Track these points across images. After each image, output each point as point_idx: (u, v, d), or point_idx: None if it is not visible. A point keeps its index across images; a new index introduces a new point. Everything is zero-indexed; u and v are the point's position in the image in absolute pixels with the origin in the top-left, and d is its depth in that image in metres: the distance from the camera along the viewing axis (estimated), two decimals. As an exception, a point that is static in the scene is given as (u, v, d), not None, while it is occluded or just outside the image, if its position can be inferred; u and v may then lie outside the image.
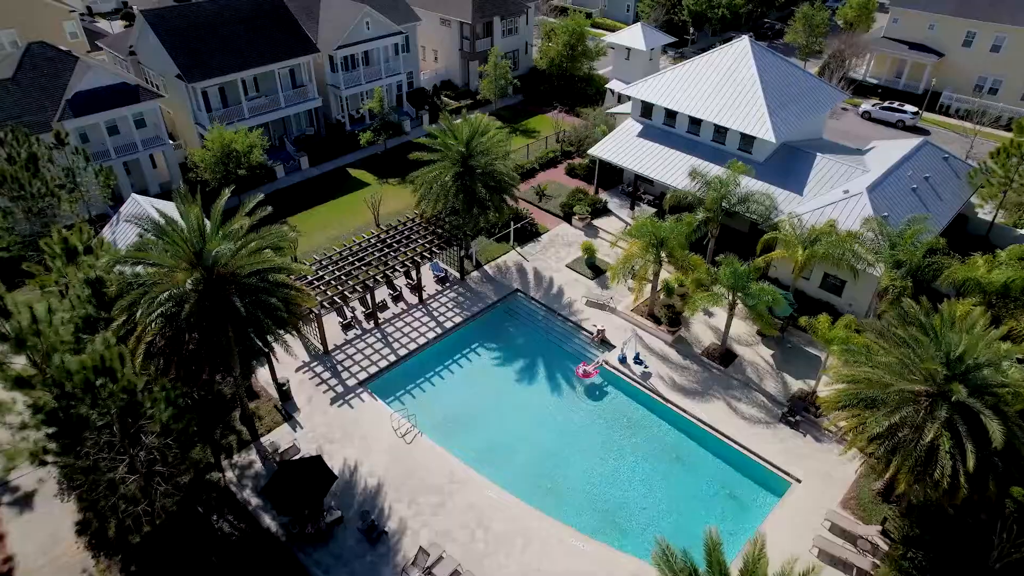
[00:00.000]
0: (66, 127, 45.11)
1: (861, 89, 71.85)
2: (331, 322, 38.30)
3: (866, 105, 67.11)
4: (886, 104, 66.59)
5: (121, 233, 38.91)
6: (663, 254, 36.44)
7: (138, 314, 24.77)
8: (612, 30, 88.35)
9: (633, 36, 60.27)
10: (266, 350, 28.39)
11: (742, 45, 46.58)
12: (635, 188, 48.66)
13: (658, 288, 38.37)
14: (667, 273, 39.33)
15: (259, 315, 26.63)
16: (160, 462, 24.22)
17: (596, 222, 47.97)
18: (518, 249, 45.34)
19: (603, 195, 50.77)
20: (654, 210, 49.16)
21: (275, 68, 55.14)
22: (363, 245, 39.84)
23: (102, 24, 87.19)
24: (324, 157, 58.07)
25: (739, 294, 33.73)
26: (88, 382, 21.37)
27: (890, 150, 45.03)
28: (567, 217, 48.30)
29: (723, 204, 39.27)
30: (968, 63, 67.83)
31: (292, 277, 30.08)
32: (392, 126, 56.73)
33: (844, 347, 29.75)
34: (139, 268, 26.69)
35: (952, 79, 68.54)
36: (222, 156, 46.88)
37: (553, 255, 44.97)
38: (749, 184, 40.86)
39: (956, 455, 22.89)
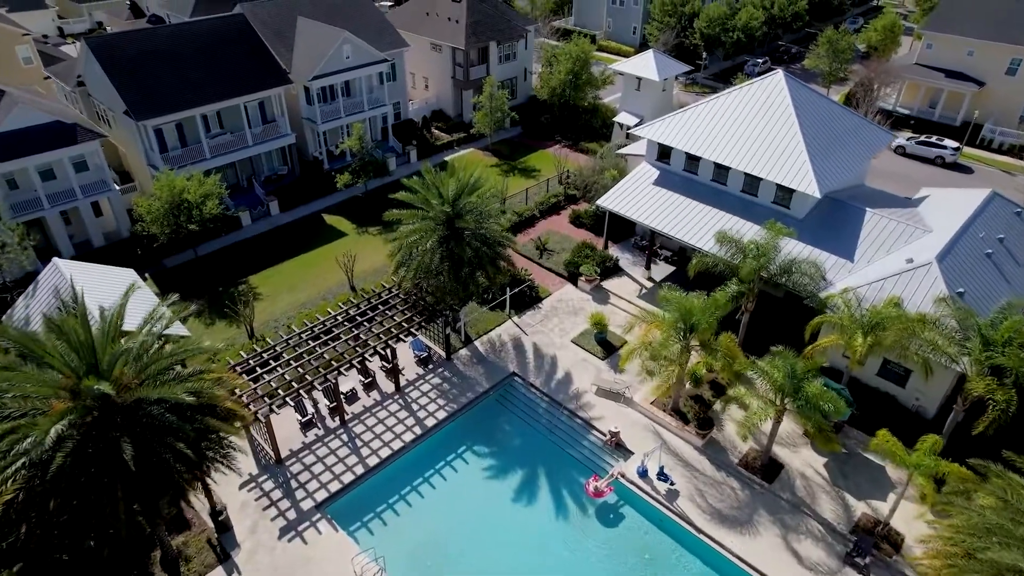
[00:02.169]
0: (-15, 175, 38.64)
1: (892, 121, 65.41)
2: (288, 418, 31.52)
3: (900, 139, 60.61)
4: (923, 138, 60.18)
5: (37, 306, 32.32)
6: (693, 341, 29.75)
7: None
8: (617, 53, 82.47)
9: (645, 65, 53.88)
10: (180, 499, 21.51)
11: (775, 80, 40.09)
12: (651, 242, 42.02)
13: (684, 378, 31.56)
14: (693, 353, 32.60)
15: (168, 459, 19.85)
16: None
17: (606, 284, 41.28)
18: (515, 319, 38.60)
19: (613, 249, 44.13)
20: (672, 268, 42.54)
21: (241, 102, 48.68)
22: (327, 325, 33.06)
23: (68, 48, 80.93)
24: (297, 200, 51.48)
25: (790, 400, 26.97)
26: None
27: (949, 201, 38.44)
28: (572, 278, 41.61)
29: (761, 274, 32.65)
30: (1012, 92, 61.45)
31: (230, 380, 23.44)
32: (373, 166, 50.17)
33: (934, 483, 23.14)
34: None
35: (994, 110, 62.21)
36: (171, 207, 40.27)
37: (556, 326, 38.23)
38: (788, 247, 34.26)
39: None
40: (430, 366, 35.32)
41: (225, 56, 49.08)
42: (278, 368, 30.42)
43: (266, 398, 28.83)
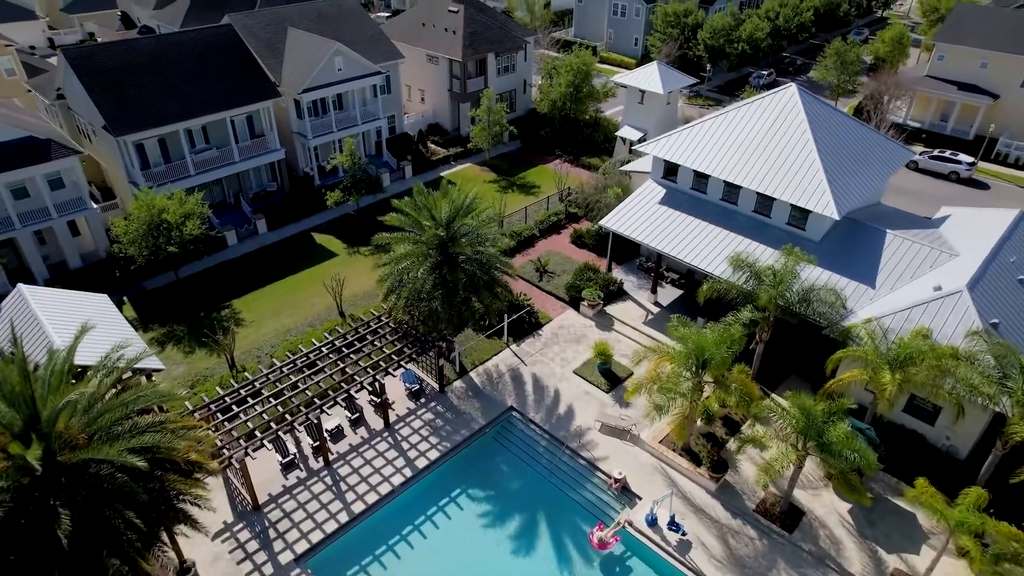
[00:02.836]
0: (-50, 195, 36.41)
1: (904, 135, 63.34)
2: (268, 457, 29.09)
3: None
4: (936, 153, 58.11)
5: (-1, 338, 30.01)
6: (706, 377, 27.46)
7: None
8: (619, 65, 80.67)
9: (649, 77, 51.88)
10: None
11: (788, 94, 37.97)
12: (657, 264, 39.74)
13: (696, 416, 29.19)
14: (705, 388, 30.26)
15: (119, 525, 17.49)
16: None
17: (610, 308, 38.98)
18: (513, 348, 36.29)
19: (617, 271, 41.90)
20: (680, 292, 40.32)
21: (227, 116, 46.55)
22: (311, 357, 30.73)
23: (56, 59, 78.93)
24: (286, 218, 49.27)
25: (812, 444, 24.65)
26: None
27: (973, 222, 36.27)
28: (574, 302, 39.33)
29: (778, 302, 30.39)
30: (1028, 106, 59.54)
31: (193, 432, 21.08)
32: (366, 183, 47.96)
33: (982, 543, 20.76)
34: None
35: (1009, 124, 60.19)
36: (149, 228, 38.05)
37: (557, 355, 35.91)
38: (805, 272, 31.90)
39: None
40: (422, 399, 32.97)
41: (211, 68, 47.01)
42: (256, 406, 28.05)
43: (242, 440, 26.46)
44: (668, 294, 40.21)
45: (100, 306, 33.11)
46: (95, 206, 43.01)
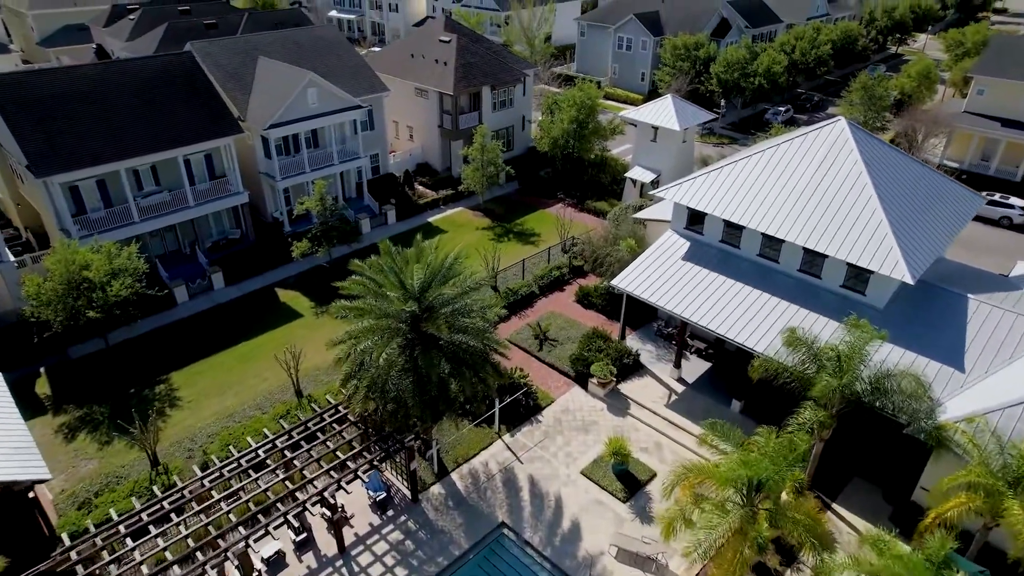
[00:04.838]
0: None
1: (944, 176, 57.32)
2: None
3: (957, 197, 52.21)
4: (985, 195, 51.78)
5: None
6: (758, 503, 20.55)
7: None
8: (624, 101, 75.19)
9: (662, 112, 45.91)
10: None
11: (837, 129, 31.73)
12: (681, 332, 33.01)
13: (746, 549, 22.13)
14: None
15: None
16: None
17: (624, 387, 32.18)
18: (506, 439, 29.34)
19: (631, 338, 35.25)
20: (708, 365, 33.57)
21: (180, 154, 40.39)
22: (243, 464, 23.82)
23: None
24: (249, 271, 42.75)
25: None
26: None
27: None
28: (580, 378, 32.53)
29: (844, 393, 23.59)
30: (1084, 145, 53.51)
31: None
32: (338, 231, 41.54)
33: None
34: None
35: (1062, 164, 54.19)
36: (68, 288, 31.50)
37: (561, 449, 28.94)
38: (874, 352, 25.14)
39: None
40: (390, 512, 25.88)
41: (163, 100, 40.97)
42: (159, 539, 21.05)
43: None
44: (693, 367, 33.46)
45: (-14, 390, 26.42)
46: (12, 259, 36.59)
